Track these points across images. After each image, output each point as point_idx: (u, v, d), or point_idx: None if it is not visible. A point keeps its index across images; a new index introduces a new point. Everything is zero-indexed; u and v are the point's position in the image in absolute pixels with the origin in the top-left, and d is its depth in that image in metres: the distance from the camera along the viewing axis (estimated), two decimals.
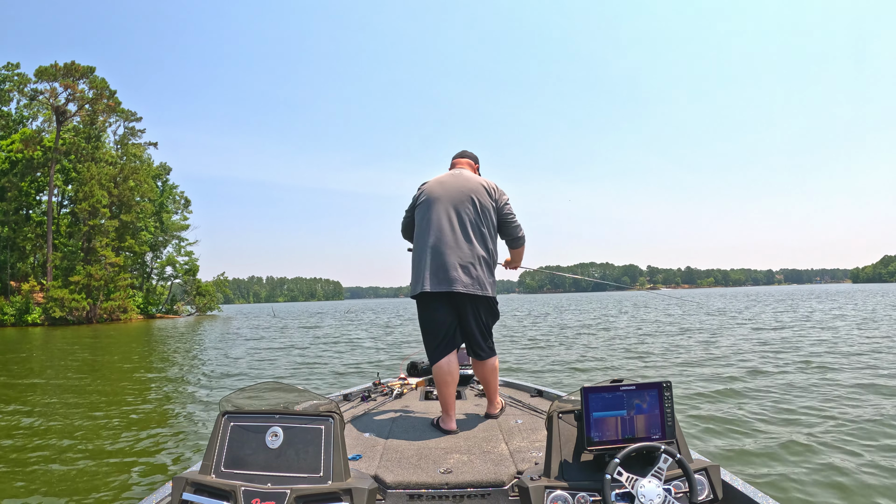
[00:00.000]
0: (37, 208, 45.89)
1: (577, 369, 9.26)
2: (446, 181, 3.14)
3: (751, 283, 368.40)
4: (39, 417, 6.52)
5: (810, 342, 11.87)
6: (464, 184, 3.10)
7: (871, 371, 7.83)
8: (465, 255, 2.95)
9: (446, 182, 3.13)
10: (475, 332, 3.02)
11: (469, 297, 2.96)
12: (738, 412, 5.60)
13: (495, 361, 3.10)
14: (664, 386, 1.93)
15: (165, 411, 6.90)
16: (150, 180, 47.41)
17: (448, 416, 2.89)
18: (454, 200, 3.04)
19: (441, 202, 3.05)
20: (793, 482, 3.66)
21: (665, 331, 16.24)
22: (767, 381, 7.26)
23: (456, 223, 3.00)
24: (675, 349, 11.51)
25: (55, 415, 6.67)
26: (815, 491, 3.51)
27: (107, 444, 5.29)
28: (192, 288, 52.88)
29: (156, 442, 5.34)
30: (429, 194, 3.11)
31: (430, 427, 2.89)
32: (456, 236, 2.98)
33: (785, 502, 3.34)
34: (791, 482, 3.66)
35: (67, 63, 42.79)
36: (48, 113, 44.50)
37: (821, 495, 3.44)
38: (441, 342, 2.99)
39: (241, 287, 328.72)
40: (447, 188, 3.09)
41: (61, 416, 6.56)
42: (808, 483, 3.64)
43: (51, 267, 41.05)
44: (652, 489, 1.75)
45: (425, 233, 3.04)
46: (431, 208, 3.06)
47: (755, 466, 3.98)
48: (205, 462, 1.84)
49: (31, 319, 38.38)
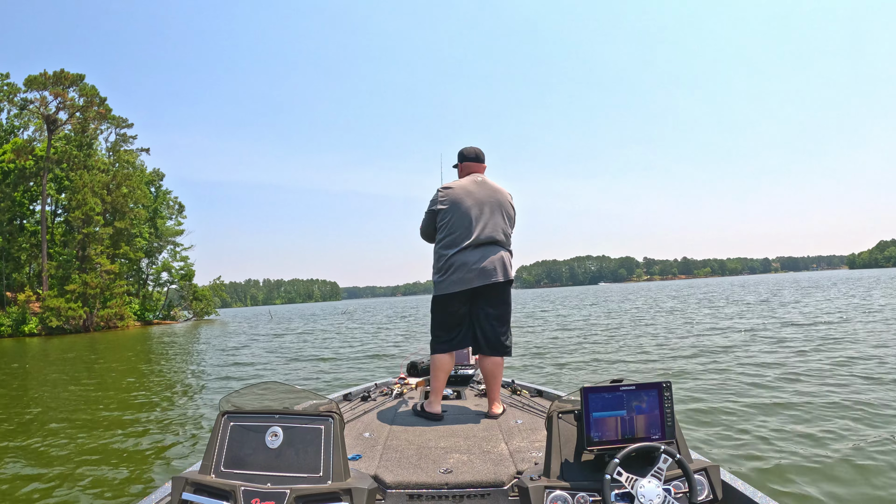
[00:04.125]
0: (31, 218, 45.62)
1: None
2: (473, 189, 3.28)
3: (747, 272, 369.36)
4: (39, 420, 6.51)
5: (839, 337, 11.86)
6: (492, 194, 3.28)
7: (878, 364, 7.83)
8: (499, 259, 3.19)
9: (474, 191, 3.27)
10: (504, 322, 3.25)
11: (506, 284, 3.22)
12: (738, 412, 5.60)
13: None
14: (664, 386, 1.93)
15: (165, 411, 6.90)
16: (143, 186, 47.20)
17: (436, 398, 3.14)
18: (487, 209, 3.22)
19: (473, 209, 3.20)
20: (793, 482, 3.66)
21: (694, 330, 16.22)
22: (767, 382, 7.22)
23: (489, 229, 3.19)
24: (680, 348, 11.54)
25: (55, 417, 6.67)
26: (816, 491, 3.51)
27: (107, 444, 5.29)
28: (189, 293, 52.69)
29: (156, 442, 5.34)
30: (456, 199, 3.24)
31: (430, 427, 2.88)
32: (495, 239, 3.20)
33: (785, 502, 3.34)
34: (791, 482, 3.66)
35: (57, 71, 42.51)
36: (39, 122, 44.20)
37: (821, 495, 3.44)
38: (456, 338, 3.23)
39: (238, 290, 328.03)
40: (476, 197, 3.25)
41: (61, 418, 6.55)
42: (809, 483, 3.64)
43: (46, 276, 40.84)
44: (652, 489, 1.75)
45: (460, 233, 3.19)
46: (464, 214, 3.20)
47: (755, 466, 3.98)
48: (204, 462, 1.84)
49: (27, 330, 38.15)
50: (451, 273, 3.16)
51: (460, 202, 3.21)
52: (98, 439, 5.47)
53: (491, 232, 3.18)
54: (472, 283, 3.13)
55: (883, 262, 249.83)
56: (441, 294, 3.22)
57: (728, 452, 4.31)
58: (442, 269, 3.21)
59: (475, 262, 3.13)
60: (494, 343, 3.19)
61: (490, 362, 3.20)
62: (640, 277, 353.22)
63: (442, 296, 3.22)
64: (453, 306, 3.20)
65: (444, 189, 3.31)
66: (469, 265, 3.12)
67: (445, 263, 3.20)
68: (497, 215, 3.23)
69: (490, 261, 3.14)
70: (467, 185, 3.29)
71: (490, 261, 3.14)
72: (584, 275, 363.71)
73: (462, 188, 3.27)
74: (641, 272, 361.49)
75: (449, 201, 3.24)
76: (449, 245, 3.20)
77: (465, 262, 3.13)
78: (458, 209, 3.20)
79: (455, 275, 3.14)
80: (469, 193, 3.24)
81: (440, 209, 3.27)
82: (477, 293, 3.18)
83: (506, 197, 3.32)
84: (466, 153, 3.48)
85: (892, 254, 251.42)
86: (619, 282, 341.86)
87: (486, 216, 3.20)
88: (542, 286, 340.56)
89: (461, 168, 3.49)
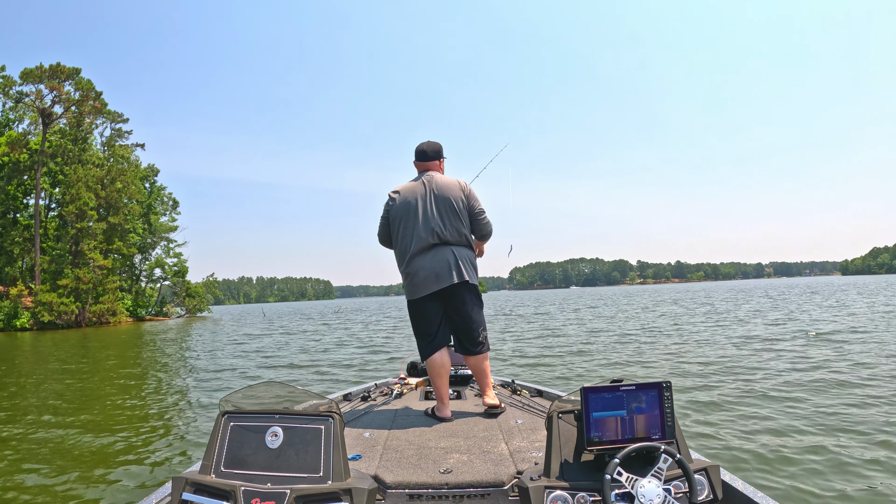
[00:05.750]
0: (24, 212, 45.32)
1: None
2: (419, 190, 3.22)
3: (740, 277, 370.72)
4: (36, 420, 6.47)
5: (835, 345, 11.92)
6: (440, 191, 3.21)
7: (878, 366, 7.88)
8: (452, 260, 3.14)
9: (420, 191, 3.21)
10: (470, 321, 3.19)
11: (460, 286, 3.15)
12: (738, 412, 5.62)
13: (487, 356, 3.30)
14: (664, 386, 1.93)
15: (164, 411, 6.87)
16: (137, 182, 46.97)
17: (443, 404, 3.08)
18: (433, 209, 3.16)
19: (419, 212, 3.16)
20: (793, 482, 3.67)
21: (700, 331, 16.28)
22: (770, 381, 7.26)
23: (438, 230, 3.13)
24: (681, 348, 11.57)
25: (52, 417, 6.63)
26: (816, 491, 3.52)
27: (106, 444, 5.27)
28: (182, 290, 52.48)
29: (155, 442, 5.32)
30: (402, 203, 3.21)
31: (430, 427, 2.89)
32: (442, 240, 3.14)
33: (785, 502, 3.36)
34: (791, 482, 3.68)
35: (53, 65, 42.26)
36: (34, 115, 43.95)
37: (821, 495, 3.46)
38: (434, 339, 3.20)
39: (231, 288, 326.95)
40: (422, 197, 3.19)
41: (59, 418, 6.52)
42: (809, 483, 3.65)
43: (39, 271, 40.59)
44: (652, 489, 1.76)
45: (409, 240, 3.16)
46: (409, 218, 3.17)
47: (755, 466, 3.99)
48: (204, 462, 1.83)
49: (19, 324, 37.91)
50: (410, 279, 3.17)
51: (407, 206, 3.19)
52: (96, 439, 5.44)
53: (439, 232, 3.12)
54: (430, 287, 3.12)
55: (876, 269, 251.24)
56: (409, 299, 3.24)
57: (728, 452, 4.33)
58: (403, 275, 3.23)
59: (427, 266, 3.11)
60: (465, 343, 3.22)
61: (471, 359, 3.24)
62: (633, 280, 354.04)
63: (410, 301, 3.24)
64: (423, 309, 3.20)
65: (392, 193, 3.29)
66: (422, 271, 3.12)
67: (404, 270, 3.21)
68: (447, 214, 3.16)
69: (443, 263, 3.11)
70: (414, 187, 3.24)
71: (443, 263, 3.11)
72: (578, 277, 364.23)
73: (409, 190, 3.24)
74: (635, 275, 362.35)
75: (396, 206, 3.23)
76: (403, 251, 3.21)
77: (419, 267, 3.13)
78: (406, 214, 3.18)
79: (413, 281, 3.15)
80: (415, 195, 3.20)
81: (390, 213, 3.26)
82: (442, 295, 3.16)
83: (456, 191, 3.21)
84: (415, 151, 3.40)
85: (885, 260, 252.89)
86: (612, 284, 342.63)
87: (434, 217, 3.14)
88: (536, 288, 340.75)
89: (416, 167, 3.44)
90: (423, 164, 3.39)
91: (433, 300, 3.17)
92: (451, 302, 3.17)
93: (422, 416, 3.14)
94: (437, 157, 3.41)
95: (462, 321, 3.19)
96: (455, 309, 3.18)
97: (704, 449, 4.40)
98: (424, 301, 3.17)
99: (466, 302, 3.19)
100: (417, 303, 3.20)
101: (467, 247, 3.24)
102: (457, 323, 3.20)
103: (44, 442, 5.43)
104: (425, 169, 3.38)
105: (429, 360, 3.19)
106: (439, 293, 3.14)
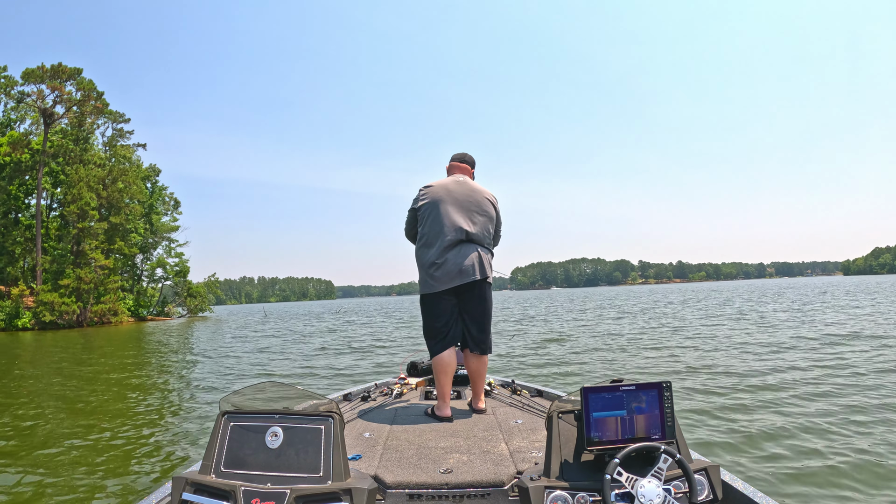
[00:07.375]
0: (25, 212, 45.35)
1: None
2: (453, 188, 3.29)
3: (742, 277, 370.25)
4: (37, 419, 6.48)
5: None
6: (471, 193, 3.29)
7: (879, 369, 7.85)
8: (476, 257, 3.21)
9: (453, 190, 3.28)
10: (484, 318, 3.27)
11: (482, 283, 3.23)
12: (738, 412, 5.62)
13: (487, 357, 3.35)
14: (664, 386, 1.93)
15: (164, 411, 6.87)
16: (139, 182, 46.95)
17: (444, 402, 3.12)
18: (464, 208, 3.24)
19: (451, 207, 3.22)
20: (793, 482, 3.68)
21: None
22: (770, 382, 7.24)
23: (467, 227, 3.19)
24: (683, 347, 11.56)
25: (52, 416, 6.63)
26: (816, 491, 3.52)
27: (106, 443, 5.27)
28: (183, 289, 52.47)
29: (155, 442, 5.33)
30: (435, 198, 3.26)
31: (430, 427, 2.89)
32: (470, 237, 3.20)
33: (785, 502, 3.35)
34: (791, 482, 3.68)
35: (54, 65, 42.29)
36: (35, 115, 43.96)
37: (821, 495, 3.46)
38: (447, 335, 3.24)
39: (232, 288, 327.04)
40: (455, 196, 3.26)
41: (59, 418, 6.52)
42: (809, 483, 3.65)
43: (40, 271, 40.62)
44: (652, 489, 1.76)
45: (437, 233, 3.21)
46: (441, 212, 3.22)
47: (755, 466, 3.99)
48: (204, 462, 1.83)
49: (21, 324, 37.92)
50: (432, 272, 3.20)
51: (439, 200, 3.24)
52: (96, 439, 5.45)
53: (469, 230, 3.19)
54: (453, 281, 3.17)
55: (877, 269, 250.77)
56: (426, 293, 3.28)
57: (728, 452, 4.33)
58: (423, 268, 3.27)
59: (453, 260, 3.16)
60: (477, 341, 3.25)
61: (475, 360, 3.26)
62: (634, 280, 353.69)
63: (427, 295, 3.27)
64: (439, 304, 3.23)
65: (424, 188, 3.35)
66: (448, 263, 3.16)
67: (426, 262, 3.24)
68: (476, 214, 3.24)
69: (469, 259, 3.17)
70: (448, 184, 3.31)
71: (469, 259, 3.17)
72: (579, 277, 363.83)
73: (442, 187, 3.30)
74: (636, 275, 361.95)
75: (428, 199, 3.27)
76: (428, 244, 3.24)
77: (444, 260, 3.17)
78: (437, 207, 3.23)
79: (436, 273, 3.19)
80: (448, 192, 3.27)
81: (420, 206, 3.30)
82: (459, 291, 3.22)
83: (485, 197, 3.32)
84: (455, 155, 3.54)
85: (886, 261, 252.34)
86: (614, 284, 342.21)
87: (464, 215, 3.22)
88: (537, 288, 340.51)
89: (448, 168, 3.53)
90: (460, 166, 3.49)
91: (450, 296, 3.22)
92: (469, 298, 3.23)
93: (422, 416, 3.14)
94: (472, 166, 3.54)
95: (477, 318, 3.25)
96: (472, 306, 3.24)
97: (704, 449, 4.40)
98: (442, 295, 3.21)
99: (485, 299, 3.27)
100: (435, 297, 3.23)
101: (490, 249, 3.33)
102: (473, 318, 3.25)
103: (44, 442, 5.44)
104: (458, 171, 3.47)
105: (438, 356, 3.22)
106: (458, 289, 3.20)
